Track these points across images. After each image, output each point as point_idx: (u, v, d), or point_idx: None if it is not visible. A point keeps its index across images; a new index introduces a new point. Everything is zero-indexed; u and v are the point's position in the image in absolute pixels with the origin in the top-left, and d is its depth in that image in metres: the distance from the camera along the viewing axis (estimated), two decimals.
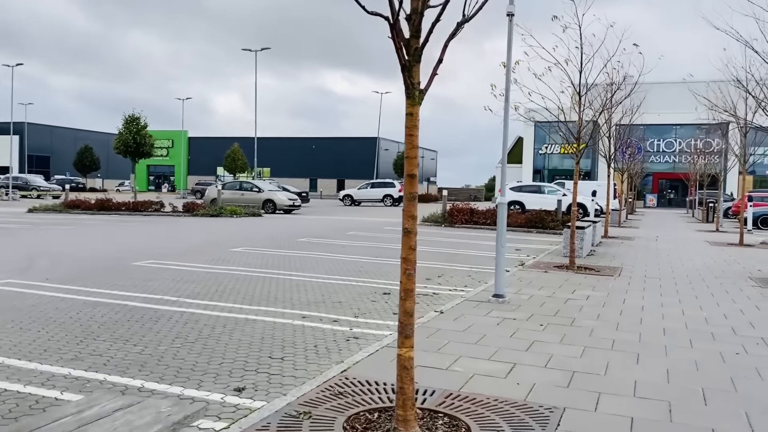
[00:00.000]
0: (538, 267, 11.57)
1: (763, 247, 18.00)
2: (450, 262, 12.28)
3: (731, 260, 13.90)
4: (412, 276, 3.84)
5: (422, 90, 3.73)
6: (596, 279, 10.26)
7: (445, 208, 22.90)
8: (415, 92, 3.69)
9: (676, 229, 26.25)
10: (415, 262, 3.87)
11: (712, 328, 6.80)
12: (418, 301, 7.86)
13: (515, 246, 15.91)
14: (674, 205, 62.29)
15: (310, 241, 15.59)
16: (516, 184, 32.87)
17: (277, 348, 5.58)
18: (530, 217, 21.40)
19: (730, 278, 10.89)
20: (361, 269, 10.78)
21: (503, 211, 8.04)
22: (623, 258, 13.66)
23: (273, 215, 28.08)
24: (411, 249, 3.80)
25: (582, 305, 7.88)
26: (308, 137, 79.27)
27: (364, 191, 46.02)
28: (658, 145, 62.65)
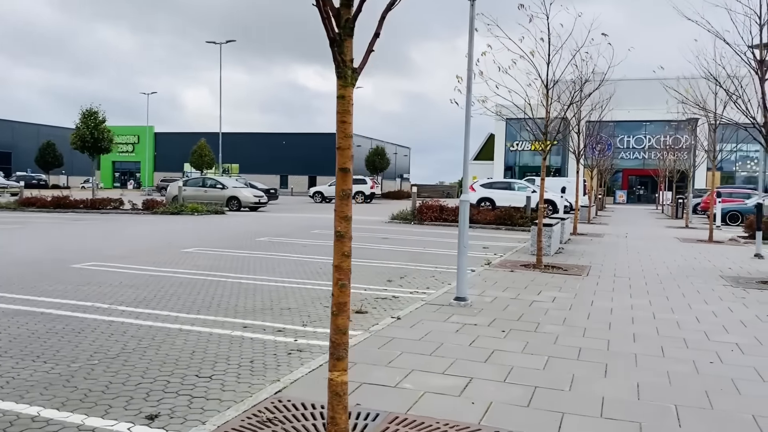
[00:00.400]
0: (505, 266, 11.12)
1: (733, 243, 17.87)
2: (415, 261, 11.77)
3: (701, 257, 13.65)
4: (346, 287, 3.29)
5: (356, 69, 3.18)
6: (563, 279, 9.84)
7: (415, 205, 22.42)
8: (347, 71, 3.14)
9: (646, 225, 26.17)
10: (349, 271, 3.32)
11: (685, 333, 6.38)
12: (375, 306, 7.33)
13: (483, 244, 15.48)
14: (644, 201, 62.85)
15: (270, 240, 14.94)
16: (486, 180, 32.57)
17: (208, 364, 4.98)
18: (499, 214, 21.03)
19: (702, 277, 10.57)
20: (319, 271, 10.20)
21: (465, 210, 7.54)
22: (592, 256, 13.31)
23: (237, 213, 27.29)
24: (344, 256, 3.25)
25: (547, 308, 7.42)
26: (279, 133, 78.19)
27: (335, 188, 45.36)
28: (628, 141, 63.14)
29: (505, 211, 21.24)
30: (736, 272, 11.35)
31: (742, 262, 12.95)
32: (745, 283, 10.02)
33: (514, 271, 10.53)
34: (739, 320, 7.07)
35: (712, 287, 9.47)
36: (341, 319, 3.25)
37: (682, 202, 34.53)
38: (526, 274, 10.32)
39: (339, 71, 3.12)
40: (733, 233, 20.88)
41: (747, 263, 12.83)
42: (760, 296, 8.77)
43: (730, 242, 18.27)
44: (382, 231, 18.66)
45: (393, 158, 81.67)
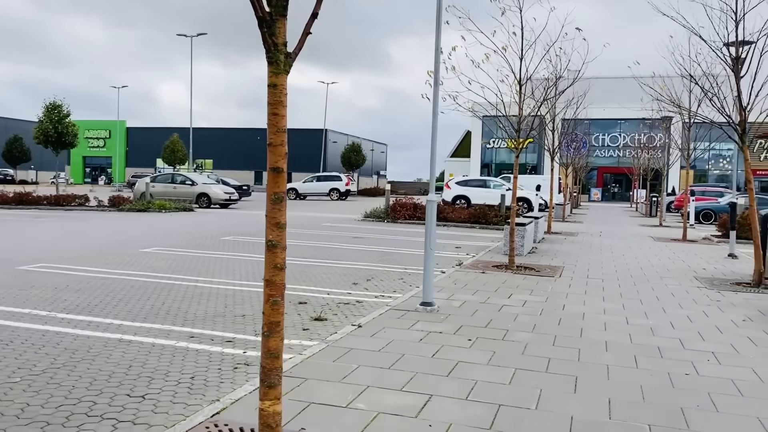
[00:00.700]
0: (476, 267, 10.79)
1: (706, 242, 17.80)
2: (384, 262, 11.38)
3: (675, 257, 13.48)
4: (279, 305, 2.87)
5: (289, 54, 2.77)
6: (535, 281, 9.53)
7: (388, 203, 22.04)
8: (280, 56, 2.73)
9: (620, 223, 26.13)
10: (282, 287, 2.90)
11: (659, 340, 6.09)
12: (336, 312, 6.93)
13: (456, 243, 15.16)
14: (618, 199, 63.26)
15: (235, 239, 14.44)
16: (462, 178, 32.34)
17: (143, 381, 4.53)
18: (473, 212, 20.74)
19: (676, 278, 10.35)
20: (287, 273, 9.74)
21: (432, 211, 7.16)
22: (565, 256, 13.05)
23: (207, 210, 26.64)
24: (277, 269, 2.84)
25: (517, 313, 7.09)
26: (253, 128, 77.06)
27: (310, 185, 44.79)
28: (603, 139, 63.47)
29: (480, 209, 20.96)
30: (710, 273, 11.16)
31: (716, 263, 12.79)
32: (719, 284, 9.81)
33: (485, 273, 10.20)
34: (715, 326, 6.81)
35: (687, 289, 9.24)
36: (273, 341, 2.84)
37: (656, 200, 34.68)
38: (498, 275, 10.00)
39: (270, 56, 2.71)
40: (706, 232, 20.86)
41: (721, 263, 12.68)
42: (735, 299, 8.54)
43: (704, 241, 18.20)
44: (353, 229, 18.25)
45: (370, 155, 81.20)
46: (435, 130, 7.04)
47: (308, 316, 6.73)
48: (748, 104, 9.62)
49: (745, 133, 9.75)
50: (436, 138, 7.08)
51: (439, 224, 20.56)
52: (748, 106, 9.63)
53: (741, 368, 5.22)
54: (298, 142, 73.80)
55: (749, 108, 9.64)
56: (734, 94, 9.91)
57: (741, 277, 10.81)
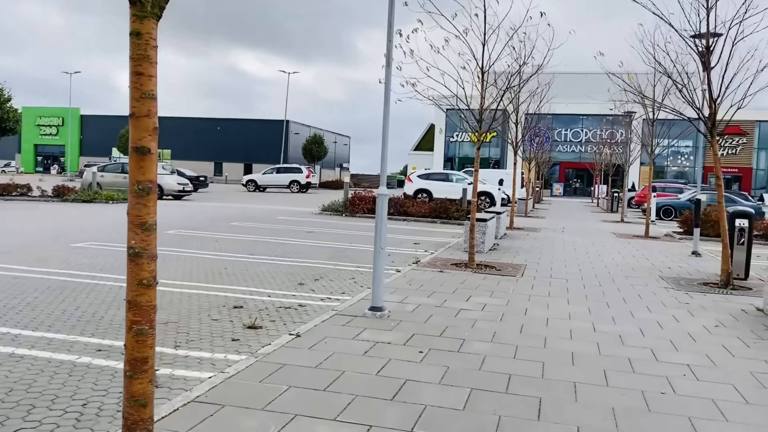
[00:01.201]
0: (434, 265, 10.15)
1: (668, 239, 17.57)
2: (336, 260, 10.65)
3: (639, 255, 13.10)
4: (146, 336, 2.13)
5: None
6: (496, 281, 8.94)
7: (347, 196, 21.29)
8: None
9: (583, 219, 25.92)
10: (152, 310, 2.15)
11: (629, 351, 5.52)
12: (274, 318, 6.18)
13: (415, 239, 14.52)
14: (580, 194, 63.74)
15: (180, 233, 13.51)
16: (423, 171, 31.77)
17: (20, 411, 3.73)
18: (435, 206, 20.15)
19: (641, 278, 9.89)
20: (223, 271, 8.94)
21: (383, 206, 6.45)
22: (528, 253, 12.53)
23: (159, 202, 25.40)
24: (143, 286, 2.10)
25: (476, 319, 6.46)
26: (213, 118, 75.31)
27: (270, 176, 43.69)
28: (566, 134, 63.84)
29: (441, 203, 20.38)
30: (675, 272, 10.75)
31: (680, 261, 12.44)
32: (686, 285, 9.38)
33: (443, 272, 9.57)
34: (687, 333, 6.29)
35: (654, 290, 8.76)
36: (138, 385, 2.10)
37: (618, 196, 34.72)
38: (457, 274, 9.37)
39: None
40: (668, 228, 20.71)
41: (685, 261, 12.33)
42: (704, 301, 8.09)
43: (666, 238, 17.97)
44: (308, 224, 17.46)
45: (332, 147, 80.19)
46: (387, 115, 6.34)
47: (241, 323, 5.97)
48: (719, 96, 9.19)
49: (715, 126, 9.32)
50: (387, 125, 6.38)
51: (399, 219, 19.92)
52: (718, 99, 9.20)
53: (721, 385, 4.68)
54: (258, 132, 72.49)
55: (719, 101, 9.21)
56: (703, 86, 9.48)
57: (707, 276, 10.43)
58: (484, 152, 66.18)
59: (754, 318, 7.16)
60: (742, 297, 8.50)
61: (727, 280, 9.27)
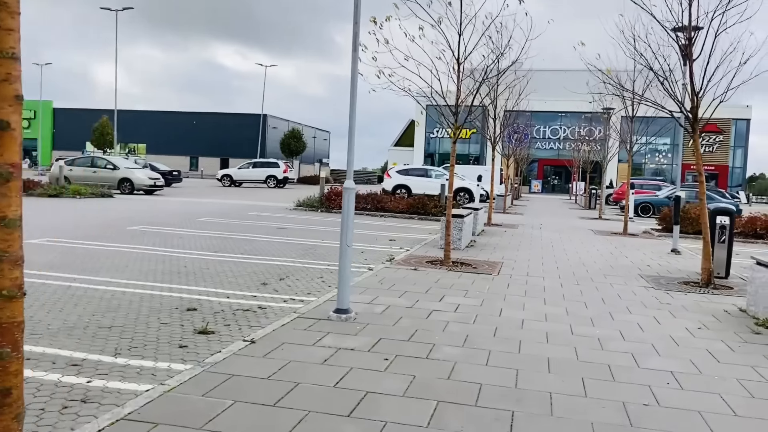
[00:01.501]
0: (409, 263, 9.76)
1: (647, 236, 17.39)
2: (306, 257, 10.21)
3: (617, 252, 12.84)
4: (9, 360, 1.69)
5: None
6: (471, 279, 8.57)
7: (323, 191, 20.81)
8: None
9: (560, 216, 25.75)
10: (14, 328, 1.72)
11: (609, 356, 5.17)
12: (229, 322, 5.73)
13: (391, 236, 14.12)
14: (558, 191, 63.92)
15: (143, 229, 12.94)
16: (403, 167, 31.41)
17: None
18: (413, 202, 19.76)
19: (620, 276, 9.60)
20: (182, 270, 8.44)
21: (350, 201, 6.03)
22: (505, 250, 12.20)
23: (129, 197, 24.74)
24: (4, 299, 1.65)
25: (448, 321, 6.07)
26: (189, 112, 74.09)
27: (245, 171, 42.99)
28: (544, 131, 63.93)
29: (419, 199, 20.01)
30: (655, 270, 10.49)
31: (659, 258, 12.20)
32: (666, 284, 9.10)
33: (417, 270, 9.18)
34: (669, 336, 5.97)
35: (633, 289, 8.46)
36: None
37: (595, 193, 34.70)
38: (431, 273, 8.98)
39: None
40: (646, 225, 20.58)
41: (665, 259, 12.09)
42: (685, 301, 7.80)
43: (645, 235, 17.80)
44: (281, 219, 16.97)
45: (312, 142, 79.49)
46: (353, 103, 5.91)
47: (193, 327, 5.51)
48: (701, 90, 8.90)
49: (697, 121, 9.04)
50: (354, 114, 5.95)
51: (377, 215, 19.52)
52: (700, 92, 8.91)
53: (707, 395, 4.34)
54: (235, 127, 71.50)
55: (701, 94, 8.92)
56: (684, 79, 9.20)
57: (687, 274, 10.18)
58: (464, 148, 66.05)
59: (737, 319, 6.88)
60: (724, 297, 8.23)
61: (709, 280, 9.01)
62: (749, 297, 7.25)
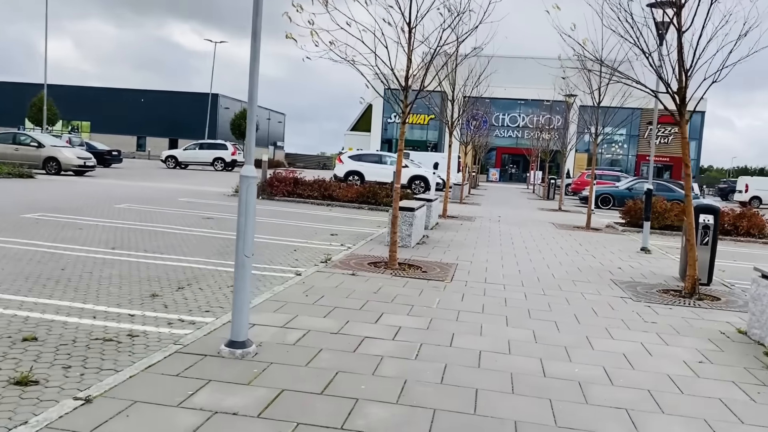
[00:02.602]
0: (347, 265, 8.23)
1: (611, 231, 16.29)
2: (224, 256, 8.56)
3: (583, 251, 11.58)
4: None
5: None
6: (419, 288, 7.09)
7: (265, 177, 19.06)
8: None
9: (519, 206, 24.62)
10: None
11: (597, 415, 3.75)
12: (72, 363, 4.10)
13: (334, 229, 12.56)
14: (515, 179, 63.32)
15: (40, 217, 11.02)
16: (355, 152, 29.79)
17: None
18: (362, 190, 18.21)
19: (591, 282, 8.28)
20: (53, 275, 6.69)
21: (249, 193, 4.41)
22: (460, 248, 10.78)
23: (54, 177, 22.46)
24: None
25: (382, 356, 4.57)
26: (137, 89, 70.63)
27: (191, 153, 40.71)
28: (503, 119, 63.08)
29: (370, 187, 18.47)
30: (628, 274, 9.23)
31: (630, 259, 10.99)
32: (645, 293, 7.81)
33: (356, 275, 7.66)
34: (668, 376, 4.60)
35: (609, 301, 7.13)
36: None
37: (554, 183, 33.78)
38: (372, 279, 7.48)
39: None
40: (608, 218, 19.53)
41: (635, 260, 10.88)
42: (672, 319, 6.49)
43: (608, 230, 16.71)
44: (213, 207, 15.19)
45: (266, 124, 76.94)
46: (255, 60, 4.30)
47: (14, 372, 3.84)
48: (691, 67, 7.58)
49: (685, 103, 7.73)
50: (256, 75, 4.35)
51: (323, 204, 17.94)
52: (690, 70, 7.59)
53: None
54: (186, 106, 68.47)
55: (691, 72, 7.61)
56: (669, 55, 7.87)
57: (664, 279, 8.96)
58: (422, 135, 64.73)
59: (740, 346, 5.59)
60: (714, 312, 6.97)
61: (693, 289, 7.75)
62: (752, 318, 5.97)
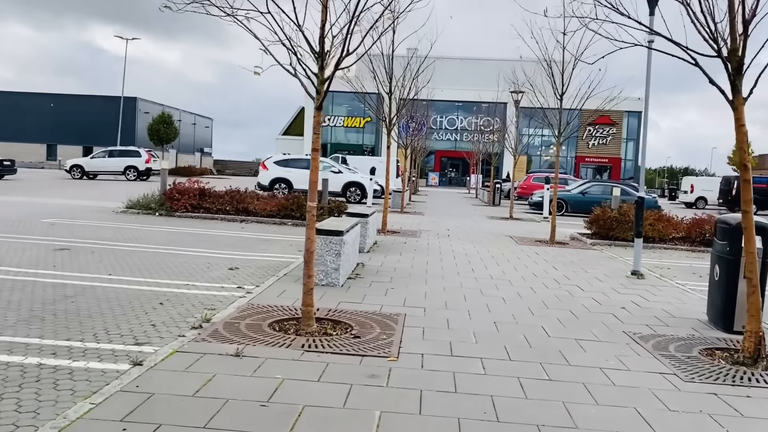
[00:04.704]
0: (235, 331, 5.22)
1: (580, 245, 13.84)
2: (31, 323, 5.36)
3: (563, 279, 8.94)
4: None
5: None
6: (347, 380, 4.17)
7: (165, 188, 15.72)
8: None
9: (466, 215, 22.07)
10: None
11: None
12: None
13: (237, 257, 9.47)
14: (455, 183, 61.37)
15: None
16: (282, 157, 26.61)
17: None
18: (284, 202, 15.11)
19: (602, 339, 5.57)
20: None
21: None
22: (407, 283, 7.92)
23: None
24: None
25: None
26: (46, 93, 64.76)
27: (100, 161, 36.39)
28: (441, 122, 61.02)
29: (294, 198, 15.39)
30: (640, 318, 6.59)
31: (625, 288, 8.43)
32: (686, 360, 5.15)
33: (242, 357, 4.66)
34: None
35: (647, 381, 4.43)
36: None
37: (500, 187, 31.60)
38: (269, 365, 4.50)
39: None
40: (568, 227, 17.15)
41: (633, 290, 8.31)
42: (760, 420, 3.82)
43: (576, 243, 14.28)
44: (85, 231, 11.79)
45: (191, 129, 72.36)
46: None
47: None
48: (751, 18, 5.00)
49: (741, 72, 5.13)
50: None
51: (236, 219, 14.78)
52: (751, 23, 5.01)
53: None
54: (101, 111, 63.08)
55: (753, 27, 5.03)
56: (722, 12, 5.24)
57: (692, 326, 6.38)
58: (358, 138, 61.93)
59: None
60: None
61: (757, 350, 5.15)
62: None
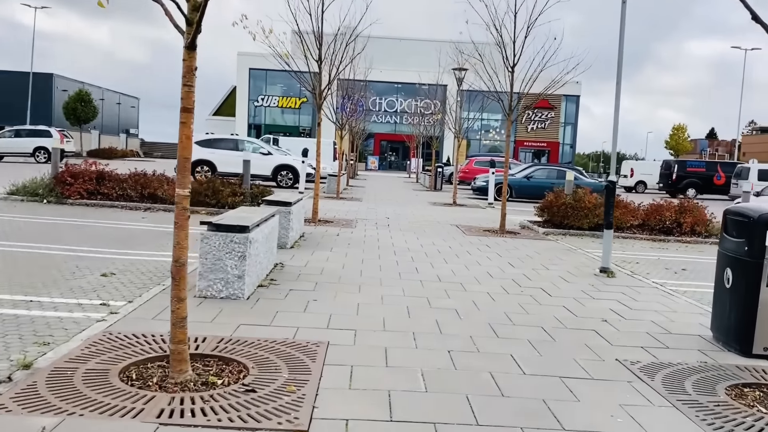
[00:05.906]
0: (61, 391, 3.37)
1: (533, 235, 12.46)
2: None
3: (524, 279, 7.41)
4: None
5: None
6: None
7: (56, 172, 13.38)
8: None
9: (407, 201, 20.49)
10: None
11: None
12: None
13: (119, 260, 7.48)
14: (395, 167, 59.96)
15: None
16: (205, 137, 24.28)
17: None
18: (197, 187, 13.03)
19: (594, 368, 4.01)
20: None
21: None
22: (336, 293, 6.19)
23: None
24: None
25: None
26: None
27: (5, 141, 33.08)
28: (380, 104, 59.28)
29: (209, 182, 13.34)
30: (626, 333, 5.11)
31: (598, 292, 6.98)
32: (711, 405, 3.66)
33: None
34: None
35: None
36: None
37: (441, 171, 30.26)
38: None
39: None
40: (519, 216, 15.81)
41: (610, 294, 6.87)
42: None
43: (528, 233, 12.90)
44: None
45: (116, 109, 68.00)
46: None
47: None
48: None
49: None
50: None
51: (138, 207, 12.66)
52: None
53: None
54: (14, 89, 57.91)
55: None
56: None
57: (701, 347, 4.95)
58: (295, 119, 59.51)
59: None
60: None
61: None
62: None
